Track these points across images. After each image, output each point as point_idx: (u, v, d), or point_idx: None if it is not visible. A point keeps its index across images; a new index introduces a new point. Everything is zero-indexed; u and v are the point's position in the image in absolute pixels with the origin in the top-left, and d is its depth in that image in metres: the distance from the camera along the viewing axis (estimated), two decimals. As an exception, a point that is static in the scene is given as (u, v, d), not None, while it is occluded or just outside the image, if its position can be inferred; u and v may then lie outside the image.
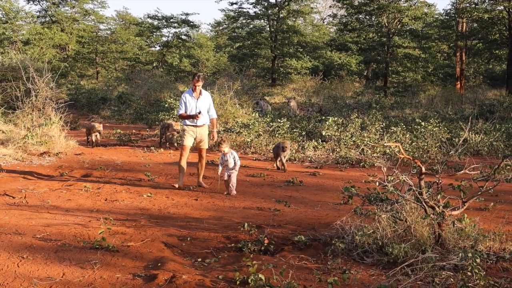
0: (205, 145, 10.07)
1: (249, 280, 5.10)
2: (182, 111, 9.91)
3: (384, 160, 12.25)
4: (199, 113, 9.72)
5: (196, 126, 9.85)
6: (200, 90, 9.90)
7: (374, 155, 12.74)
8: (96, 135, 15.05)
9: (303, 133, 15.56)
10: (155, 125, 18.57)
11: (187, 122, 9.88)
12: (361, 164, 12.60)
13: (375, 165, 12.22)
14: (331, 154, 13.50)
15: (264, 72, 40.62)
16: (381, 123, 15.65)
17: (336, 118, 14.94)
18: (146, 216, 7.97)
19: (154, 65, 41.53)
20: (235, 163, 9.52)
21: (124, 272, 5.54)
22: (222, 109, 16.57)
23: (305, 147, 14.03)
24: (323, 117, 16.67)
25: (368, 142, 12.38)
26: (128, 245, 6.45)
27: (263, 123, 15.46)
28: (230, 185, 9.49)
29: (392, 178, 6.33)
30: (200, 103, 9.86)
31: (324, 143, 14.19)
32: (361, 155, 12.90)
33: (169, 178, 10.84)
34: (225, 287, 5.20)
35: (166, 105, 18.40)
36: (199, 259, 6.07)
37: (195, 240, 6.80)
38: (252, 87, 28.22)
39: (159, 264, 5.78)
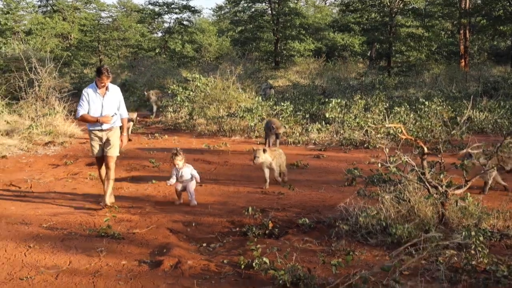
0: (112, 152, 7.93)
1: (254, 264, 5.15)
2: (83, 112, 7.75)
3: (388, 140, 12.24)
4: (112, 115, 7.86)
5: (102, 130, 7.88)
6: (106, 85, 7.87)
7: (378, 136, 12.72)
8: (129, 126, 13.79)
9: (307, 115, 15.52)
10: (159, 112, 18.58)
11: (91, 126, 7.91)
12: (365, 145, 12.59)
13: (379, 146, 12.21)
14: (335, 136, 13.49)
15: (267, 55, 40.44)
16: (384, 103, 15.59)
17: (339, 100, 14.89)
18: (151, 203, 8.02)
19: (157, 51, 41.41)
20: (192, 176, 8.08)
21: (130, 259, 5.59)
22: (225, 94, 16.55)
23: (309, 129, 14.01)
24: (327, 99, 16.62)
25: (371, 124, 12.34)
26: (134, 232, 6.51)
27: (266, 107, 15.44)
28: (189, 194, 8.01)
29: (394, 159, 6.34)
30: (108, 101, 7.83)
31: (327, 125, 14.17)
32: (365, 136, 12.89)
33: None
34: (230, 271, 5.24)
35: (169, 92, 18.37)
36: (204, 244, 6.13)
37: (200, 225, 6.86)
38: (255, 71, 28.12)
39: (165, 250, 5.83)
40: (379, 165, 6.53)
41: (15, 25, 37.76)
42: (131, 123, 14.14)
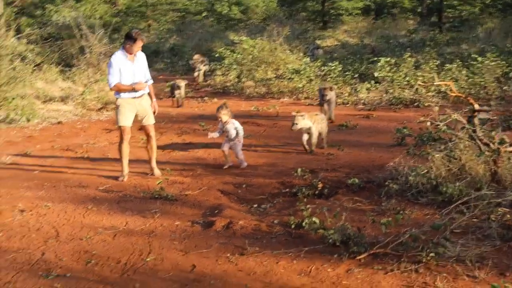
0: (150, 120, 7.59)
1: (304, 224, 5.23)
2: (116, 81, 7.23)
3: (439, 98, 12.00)
4: (146, 81, 7.47)
5: (135, 97, 7.38)
6: None
7: (429, 94, 12.48)
8: (179, 93, 13.81)
9: (356, 75, 15.33)
10: (207, 76, 18.71)
11: (123, 94, 7.36)
12: (415, 104, 12.40)
13: (429, 104, 12.00)
14: (384, 95, 13.31)
15: (315, 15, 39.83)
16: (435, 60, 15.22)
17: (388, 59, 14.60)
18: (202, 165, 8.18)
19: (204, 15, 41.39)
20: (237, 133, 8.08)
21: (183, 220, 5.76)
22: (273, 56, 16.48)
23: (358, 89, 13.87)
24: (376, 58, 16.33)
25: (419, 83, 12.10)
26: (186, 194, 6.68)
27: (314, 68, 15.31)
28: (237, 157, 8.12)
29: (444, 117, 6.25)
30: (137, 67, 7.38)
31: (377, 84, 13.97)
32: (415, 95, 12.67)
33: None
34: (280, 231, 5.34)
35: (217, 55, 18.43)
36: (255, 205, 6.24)
37: (250, 186, 6.97)
38: (303, 31, 27.82)
39: (216, 211, 5.97)
40: (429, 123, 6.45)
41: (64, -8, 38.31)
42: (181, 91, 13.97)
